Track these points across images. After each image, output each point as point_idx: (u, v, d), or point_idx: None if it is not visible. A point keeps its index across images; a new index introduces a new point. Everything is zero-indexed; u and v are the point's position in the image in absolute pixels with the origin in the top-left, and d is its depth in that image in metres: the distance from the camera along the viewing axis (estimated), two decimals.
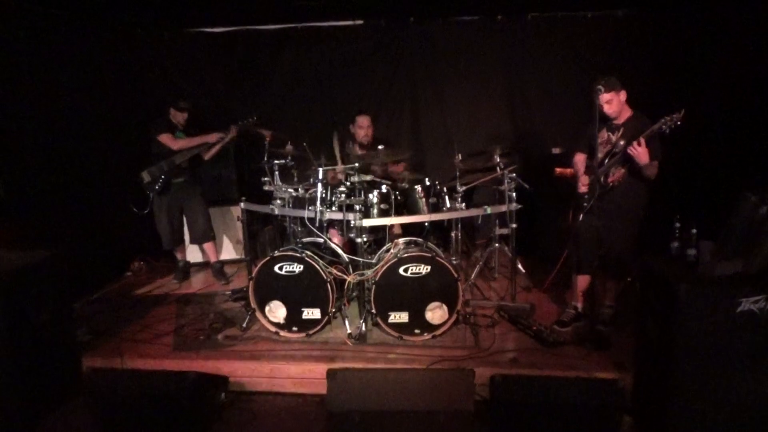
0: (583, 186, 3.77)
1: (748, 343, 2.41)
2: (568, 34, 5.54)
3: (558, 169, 5.22)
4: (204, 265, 5.60)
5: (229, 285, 5.05)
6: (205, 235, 5.12)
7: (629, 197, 3.62)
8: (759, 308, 2.38)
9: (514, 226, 4.08)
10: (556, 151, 5.38)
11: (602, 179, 3.62)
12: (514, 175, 4.12)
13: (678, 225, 2.86)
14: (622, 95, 3.58)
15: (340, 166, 4.24)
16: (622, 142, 3.56)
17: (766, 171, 3.79)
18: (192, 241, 5.31)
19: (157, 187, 4.83)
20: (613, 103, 3.56)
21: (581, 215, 3.67)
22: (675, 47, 5.11)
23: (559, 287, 4.38)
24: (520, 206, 4.06)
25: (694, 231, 2.74)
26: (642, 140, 3.32)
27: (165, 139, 4.76)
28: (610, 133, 3.69)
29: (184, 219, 5.18)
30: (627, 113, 3.65)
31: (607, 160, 3.62)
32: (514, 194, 4.05)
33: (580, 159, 3.94)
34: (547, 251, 5.27)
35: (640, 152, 3.36)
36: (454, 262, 4.10)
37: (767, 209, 2.42)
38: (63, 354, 3.29)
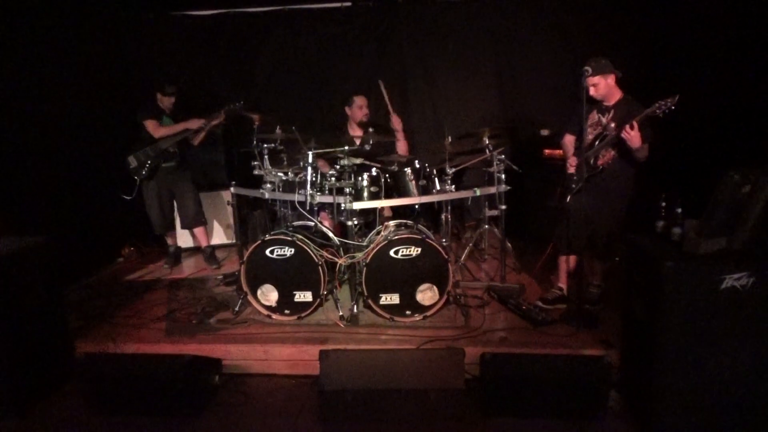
0: (571, 167, 3.80)
1: (731, 319, 2.47)
2: (557, 15, 5.53)
3: (547, 151, 5.27)
4: (195, 250, 5.61)
5: (220, 269, 5.06)
6: (195, 219, 5.11)
7: (618, 179, 3.65)
8: (741, 285, 2.43)
9: (503, 207, 4.11)
10: (544, 132, 5.40)
11: (591, 161, 3.65)
12: (503, 156, 4.14)
13: (663, 204, 2.90)
14: (611, 79, 3.57)
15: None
16: (612, 125, 3.58)
17: (749, 150, 3.84)
18: (183, 226, 5.30)
19: (143, 173, 4.81)
20: (600, 86, 3.56)
21: (569, 196, 3.70)
22: (662, 29, 5.11)
23: (548, 269, 4.43)
24: (509, 188, 4.09)
25: (679, 210, 2.78)
26: (635, 124, 3.33)
27: (149, 125, 4.74)
28: (600, 115, 3.70)
29: (175, 204, 5.16)
30: (617, 95, 3.65)
31: (597, 143, 3.65)
32: (503, 176, 4.07)
33: (569, 140, 3.97)
34: (536, 232, 5.33)
35: (633, 136, 3.36)
36: (444, 243, 4.14)
37: (750, 188, 2.47)
38: (55, 339, 3.30)
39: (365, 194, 3.91)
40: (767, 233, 2.52)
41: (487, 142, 4.25)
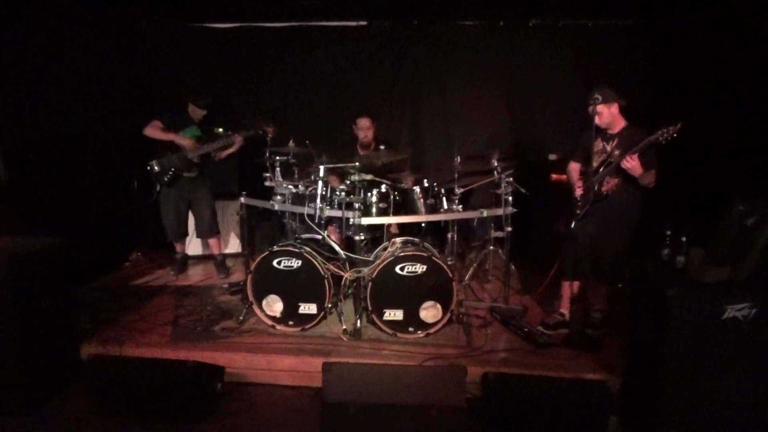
0: (578, 189, 3.84)
1: (733, 349, 2.48)
2: (569, 42, 5.63)
3: (554, 175, 5.31)
4: (202, 258, 5.65)
5: (227, 278, 5.10)
6: (211, 229, 5.18)
7: (623, 204, 3.69)
8: (743, 315, 2.45)
9: (509, 229, 4.15)
10: (552, 157, 5.46)
11: (596, 187, 3.70)
12: (511, 179, 4.19)
13: (669, 232, 2.93)
14: (614, 108, 3.67)
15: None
16: (617, 152, 3.65)
17: (756, 181, 3.88)
18: (198, 236, 5.35)
19: (166, 179, 4.87)
20: (603, 115, 3.65)
21: (574, 221, 3.74)
22: (673, 58, 5.20)
23: (552, 292, 4.44)
24: (515, 210, 4.13)
25: (684, 239, 2.81)
26: (635, 155, 3.43)
27: (152, 125, 4.79)
28: (605, 143, 3.78)
29: (190, 213, 5.22)
30: (621, 123, 3.73)
31: (602, 169, 3.70)
32: (510, 198, 4.11)
33: (574, 168, 4.05)
34: (541, 256, 5.35)
35: (633, 166, 3.46)
36: (450, 262, 4.17)
37: (755, 220, 2.50)
38: (64, 340, 3.34)
39: (374, 210, 3.96)
40: None
41: (496, 163, 4.30)
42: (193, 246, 5.63)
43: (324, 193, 3.83)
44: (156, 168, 4.85)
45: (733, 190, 3.53)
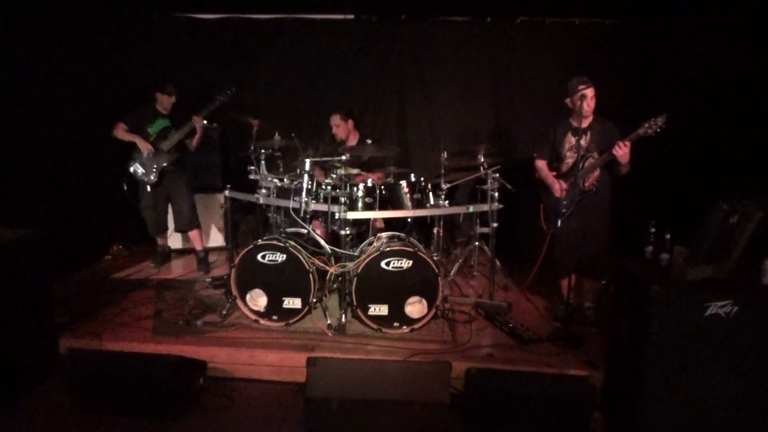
0: (559, 191, 3.84)
1: (715, 345, 2.51)
2: (555, 40, 5.64)
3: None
4: (184, 252, 5.58)
5: (208, 275, 5.02)
6: (190, 223, 5.09)
7: (602, 196, 3.77)
8: (725, 313, 2.48)
9: (495, 225, 4.15)
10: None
11: (582, 183, 3.71)
12: (497, 175, 4.20)
13: (653, 230, 2.95)
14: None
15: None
16: (593, 146, 3.68)
17: (739, 180, 3.93)
18: (177, 229, 5.27)
19: (153, 177, 4.79)
20: (594, 99, 3.67)
21: (559, 220, 3.75)
22: (657, 57, 5.24)
23: (541, 287, 4.46)
24: (501, 206, 4.13)
25: (668, 236, 2.84)
26: (629, 142, 3.44)
27: (117, 127, 4.75)
28: (576, 138, 3.75)
29: (170, 206, 5.15)
30: (590, 116, 3.75)
31: (582, 165, 3.70)
32: (496, 194, 4.12)
33: (543, 165, 4.03)
34: (525, 251, 5.38)
35: (626, 152, 3.47)
36: (435, 258, 4.16)
37: (738, 218, 2.53)
38: (40, 334, 3.27)
39: (360, 204, 3.94)
40: (753, 263, 2.58)
41: (482, 159, 4.30)
42: (176, 239, 5.56)
43: (309, 187, 3.80)
44: (140, 170, 4.77)
45: (716, 188, 3.57)
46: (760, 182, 3.79)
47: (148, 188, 4.84)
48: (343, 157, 3.84)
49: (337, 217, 3.78)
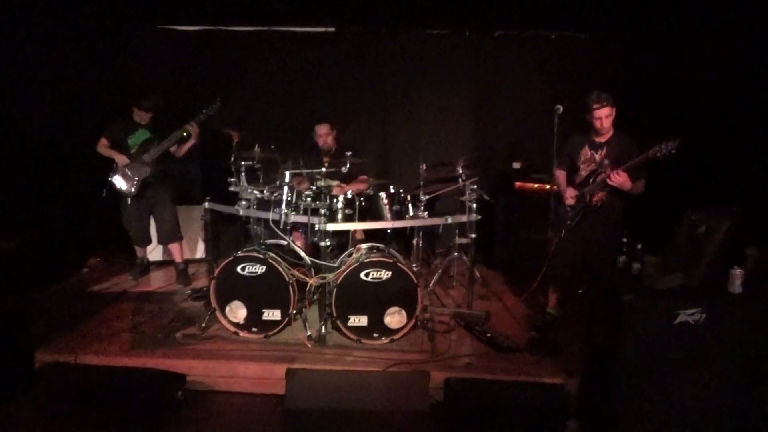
0: (570, 198, 3.79)
1: (686, 352, 2.57)
2: (532, 53, 5.76)
3: (518, 183, 5.41)
4: (163, 264, 5.54)
5: (187, 288, 4.99)
6: (172, 235, 5.06)
7: (610, 214, 3.71)
8: (694, 320, 2.55)
9: (473, 236, 4.20)
10: (516, 165, 5.56)
11: (587, 198, 3.71)
12: (476, 186, 4.25)
13: (625, 240, 3.02)
14: (614, 112, 3.63)
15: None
16: (606, 162, 3.64)
17: (707, 192, 4.03)
18: (159, 241, 5.22)
19: (133, 190, 4.77)
20: (611, 118, 3.60)
21: (563, 231, 3.78)
22: (631, 71, 5.37)
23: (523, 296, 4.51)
24: (479, 217, 4.18)
25: (640, 246, 2.91)
26: (621, 172, 3.43)
27: (99, 143, 4.74)
28: (593, 151, 3.74)
29: (152, 218, 5.11)
30: (610, 132, 3.69)
31: (591, 180, 3.71)
32: (474, 205, 4.17)
33: (561, 174, 3.96)
34: (504, 261, 5.45)
35: (622, 182, 3.45)
36: (415, 268, 4.20)
37: (706, 229, 2.61)
38: (17, 347, 3.23)
39: (339, 216, 3.96)
40: (721, 272, 2.66)
41: (461, 171, 4.36)
42: (156, 251, 5.51)
43: (289, 198, 3.82)
44: (119, 183, 4.73)
45: (687, 199, 3.65)
46: (729, 193, 3.90)
47: (129, 201, 4.80)
48: (323, 169, 3.87)
49: (316, 228, 3.80)
